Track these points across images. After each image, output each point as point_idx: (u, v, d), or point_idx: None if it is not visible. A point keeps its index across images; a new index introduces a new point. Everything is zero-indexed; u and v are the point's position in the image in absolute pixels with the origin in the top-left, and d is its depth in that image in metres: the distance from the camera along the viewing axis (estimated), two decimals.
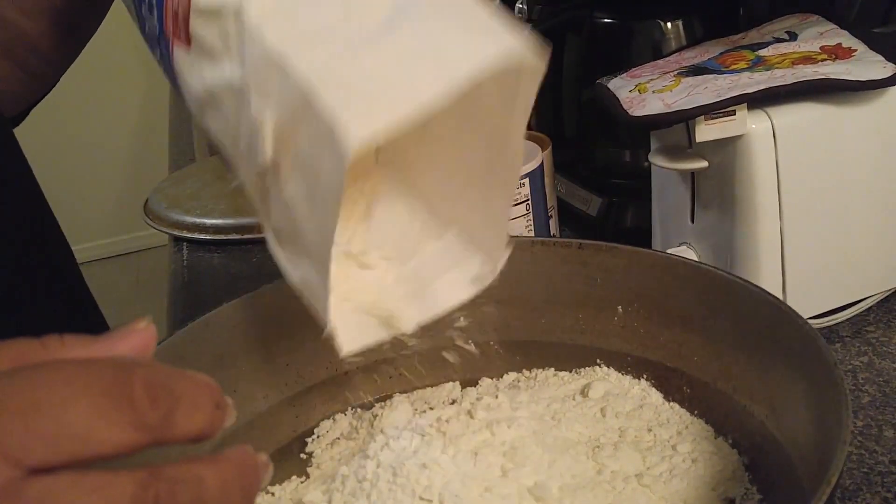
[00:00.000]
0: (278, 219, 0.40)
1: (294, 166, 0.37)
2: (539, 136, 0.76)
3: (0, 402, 0.25)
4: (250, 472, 0.30)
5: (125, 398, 0.26)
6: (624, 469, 0.48)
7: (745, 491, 0.46)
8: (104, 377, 0.26)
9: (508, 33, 0.35)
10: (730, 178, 0.63)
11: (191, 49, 0.40)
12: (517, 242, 0.59)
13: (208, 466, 0.28)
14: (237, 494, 0.29)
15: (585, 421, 0.52)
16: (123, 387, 0.26)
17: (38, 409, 0.25)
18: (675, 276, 0.54)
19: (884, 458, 0.54)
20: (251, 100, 0.37)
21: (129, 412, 0.26)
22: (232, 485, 0.29)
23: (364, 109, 0.32)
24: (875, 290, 0.67)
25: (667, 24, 0.80)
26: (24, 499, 0.25)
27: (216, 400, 0.29)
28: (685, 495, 0.46)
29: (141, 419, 0.26)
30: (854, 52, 0.64)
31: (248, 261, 0.92)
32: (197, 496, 0.27)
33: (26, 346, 0.29)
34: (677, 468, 0.48)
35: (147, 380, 0.27)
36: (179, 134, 1.30)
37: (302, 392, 0.57)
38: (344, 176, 0.32)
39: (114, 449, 0.26)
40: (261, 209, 0.41)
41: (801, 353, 0.45)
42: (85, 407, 0.26)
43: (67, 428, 0.25)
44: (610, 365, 0.57)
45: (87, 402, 0.26)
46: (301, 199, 0.37)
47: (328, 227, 0.36)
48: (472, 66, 0.33)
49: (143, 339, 0.31)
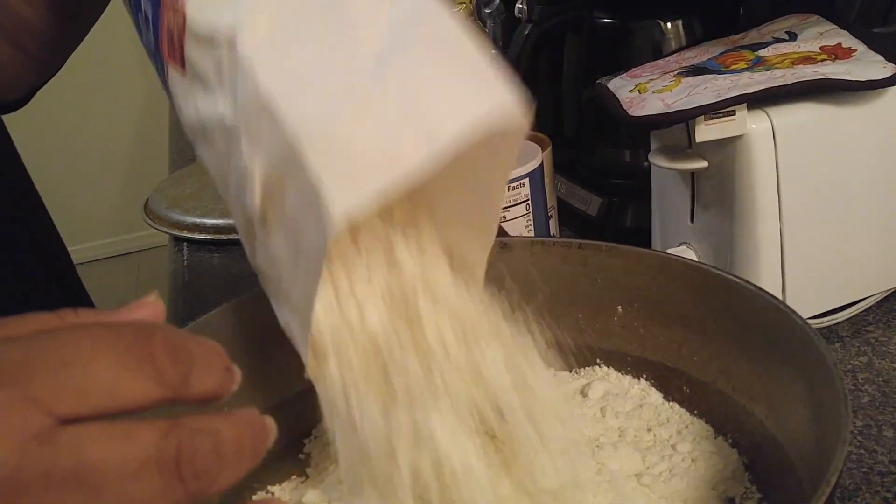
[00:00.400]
0: (264, 264, 0.40)
1: (280, 222, 0.37)
2: (539, 136, 0.76)
3: (31, 358, 0.27)
4: (260, 431, 0.32)
5: (147, 356, 0.28)
6: (624, 468, 0.48)
7: (745, 490, 0.46)
8: (127, 337, 0.28)
9: (498, 85, 0.34)
10: (729, 178, 0.63)
11: (185, 73, 0.40)
12: (517, 242, 0.59)
13: (223, 421, 0.30)
14: (248, 449, 0.31)
15: (585, 421, 0.52)
16: (145, 345, 0.28)
17: (67, 364, 0.27)
18: (675, 276, 0.54)
19: (883, 458, 0.54)
20: (242, 144, 0.36)
21: (150, 369, 0.28)
22: (244, 440, 0.30)
23: (349, 179, 0.32)
24: (874, 290, 0.67)
25: (667, 24, 0.80)
26: (57, 444, 0.26)
27: (225, 364, 0.32)
28: (685, 495, 0.46)
29: (162, 376, 0.28)
30: (854, 52, 0.64)
31: (247, 261, 0.92)
32: (214, 446, 0.29)
33: (44, 318, 0.30)
34: (677, 467, 0.48)
35: (166, 340, 0.29)
36: (179, 134, 1.30)
37: (302, 392, 0.57)
38: (327, 245, 0.32)
39: (137, 403, 0.28)
40: (247, 247, 0.41)
41: (800, 353, 0.45)
42: (110, 363, 0.27)
43: (95, 382, 0.27)
44: (609, 365, 0.57)
45: (113, 358, 0.28)
46: (286, 256, 0.37)
47: (310, 290, 0.36)
48: (459, 128, 0.32)
49: (152, 312, 0.33)
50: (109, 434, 0.27)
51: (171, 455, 0.28)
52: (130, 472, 0.27)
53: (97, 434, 0.27)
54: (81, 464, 0.26)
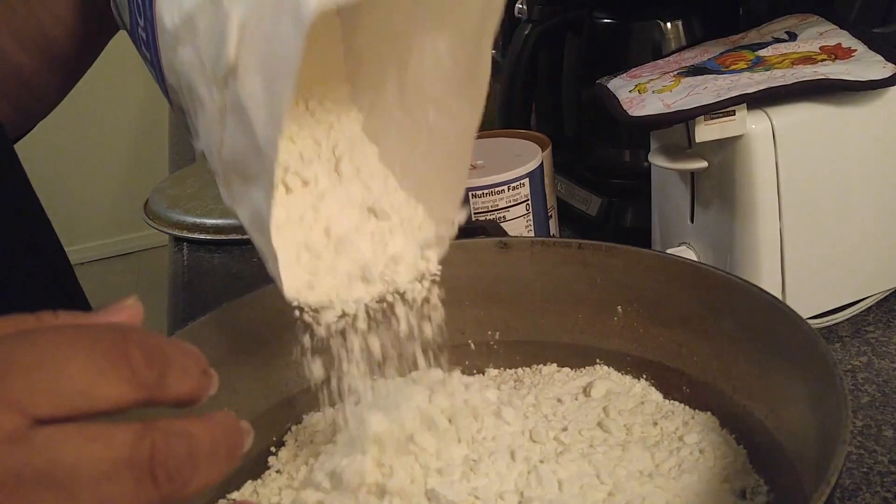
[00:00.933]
0: (231, 145, 0.41)
1: (253, 54, 0.38)
2: (539, 136, 0.76)
3: (7, 359, 0.27)
4: (235, 434, 0.32)
5: (123, 358, 0.29)
6: (634, 468, 0.47)
7: (755, 483, 0.47)
8: (103, 339, 0.29)
9: None
10: (729, 178, 0.63)
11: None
12: (517, 242, 0.59)
13: (198, 424, 0.30)
14: (223, 452, 0.31)
15: (589, 421, 0.52)
16: (121, 347, 0.29)
17: (43, 365, 0.27)
18: (675, 276, 0.54)
19: (883, 458, 0.54)
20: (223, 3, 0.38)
21: (126, 371, 0.28)
22: (219, 442, 0.31)
23: None
24: (874, 290, 0.68)
25: (667, 24, 0.80)
26: (31, 444, 0.27)
27: (203, 367, 0.32)
28: (697, 489, 0.46)
29: (137, 378, 0.29)
30: (854, 52, 0.65)
31: (248, 261, 0.92)
32: (188, 449, 0.29)
33: (22, 319, 0.31)
34: (686, 461, 0.48)
35: (142, 343, 0.29)
36: (179, 134, 1.30)
37: (301, 392, 0.57)
38: (303, 39, 0.33)
39: (112, 404, 0.28)
40: (215, 147, 0.42)
41: (800, 353, 0.45)
42: (86, 365, 0.28)
43: (71, 383, 0.28)
44: (610, 365, 0.57)
45: (89, 360, 0.28)
46: (259, 92, 0.38)
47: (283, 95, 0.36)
48: None
49: (130, 315, 0.33)
50: (83, 435, 0.27)
51: (145, 456, 0.28)
52: (104, 473, 0.27)
53: (71, 435, 0.27)
54: (54, 464, 0.27)
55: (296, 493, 0.50)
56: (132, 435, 0.28)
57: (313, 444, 0.54)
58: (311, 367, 0.47)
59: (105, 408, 0.28)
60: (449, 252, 0.59)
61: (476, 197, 0.69)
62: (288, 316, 0.56)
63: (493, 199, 0.69)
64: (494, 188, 0.68)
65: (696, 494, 0.46)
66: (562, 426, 0.51)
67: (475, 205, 0.69)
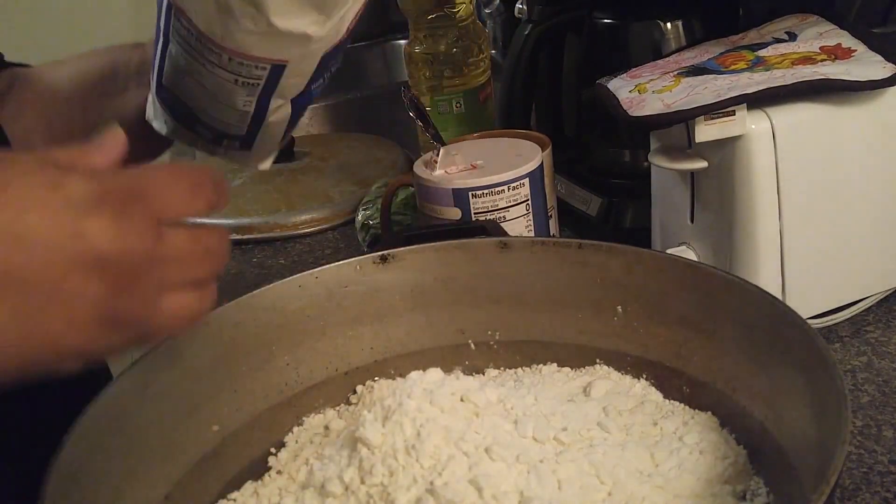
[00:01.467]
0: None
1: None
2: (539, 136, 0.76)
3: (142, 185, 0.42)
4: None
5: (202, 188, 0.43)
6: (633, 468, 0.47)
7: (754, 484, 0.46)
8: (190, 176, 0.43)
9: None
10: (729, 178, 0.63)
11: None
12: (517, 242, 0.59)
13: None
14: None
15: (589, 420, 0.52)
16: (201, 180, 0.43)
17: (165, 191, 0.42)
18: (675, 276, 0.54)
19: (883, 458, 0.54)
20: None
21: (205, 196, 0.43)
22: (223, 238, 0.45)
23: None
24: (874, 290, 0.68)
25: (667, 24, 0.80)
26: (162, 238, 0.41)
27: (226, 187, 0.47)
28: (697, 489, 0.46)
29: (209, 200, 0.44)
30: (854, 52, 0.65)
31: (248, 261, 0.92)
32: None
33: (72, 152, 0.43)
34: (686, 462, 0.48)
35: (209, 178, 0.44)
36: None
37: (302, 392, 0.57)
38: None
39: (196, 215, 0.43)
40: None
41: (800, 353, 0.45)
42: (185, 191, 0.43)
43: (181, 201, 0.43)
44: (609, 365, 0.57)
45: (187, 189, 0.43)
46: None
47: None
48: None
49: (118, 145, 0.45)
50: (190, 232, 0.43)
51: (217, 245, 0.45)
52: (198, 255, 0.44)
53: (182, 231, 0.43)
54: (177, 249, 0.42)
55: (296, 494, 0.50)
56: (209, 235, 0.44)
57: (313, 445, 0.55)
58: None
59: (193, 216, 0.43)
60: (449, 252, 0.59)
61: (476, 197, 0.69)
62: (288, 316, 0.57)
63: (493, 199, 0.69)
64: (494, 188, 0.69)
65: (696, 494, 0.46)
66: (562, 426, 0.51)
67: (475, 205, 0.69)
